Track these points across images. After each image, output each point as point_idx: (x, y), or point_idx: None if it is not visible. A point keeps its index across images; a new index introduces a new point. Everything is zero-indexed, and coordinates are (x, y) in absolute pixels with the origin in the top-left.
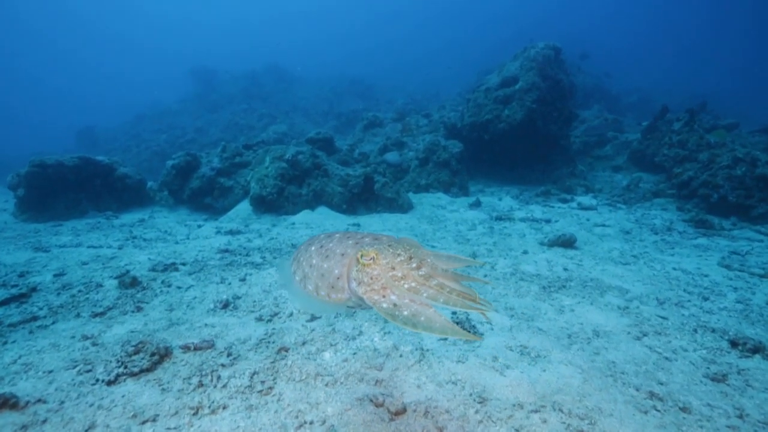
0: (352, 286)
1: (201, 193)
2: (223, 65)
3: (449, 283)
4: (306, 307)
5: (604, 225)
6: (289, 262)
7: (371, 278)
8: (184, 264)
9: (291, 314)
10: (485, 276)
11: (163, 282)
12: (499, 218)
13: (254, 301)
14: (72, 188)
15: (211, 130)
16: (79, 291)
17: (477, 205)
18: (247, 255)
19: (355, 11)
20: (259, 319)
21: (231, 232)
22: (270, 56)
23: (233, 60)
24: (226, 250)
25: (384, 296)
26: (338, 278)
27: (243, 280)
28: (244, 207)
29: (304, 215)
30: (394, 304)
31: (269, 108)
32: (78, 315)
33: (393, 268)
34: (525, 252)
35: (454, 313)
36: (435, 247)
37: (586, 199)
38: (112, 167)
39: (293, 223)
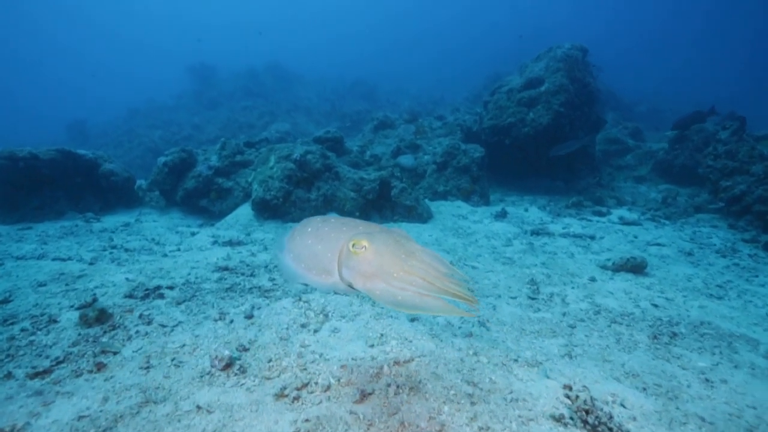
0: (342, 271)
1: (196, 194)
2: (223, 63)
3: (437, 274)
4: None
5: (658, 244)
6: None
7: (362, 265)
8: (171, 287)
9: (328, 386)
10: (564, 314)
11: (141, 317)
12: (535, 233)
13: (269, 359)
14: (48, 185)
15: (208, 128)
16: (23, 330)
17: (503, 215)
18: (251, 275)
19: (358, 14)
20: (281, 394)
21: (230, 243)
22: (270, 54)
23: (232, 58)
24: (226, 268)
25: (373, 283)
26: (330, 262)
27: (250, 317)
28: (244, 212)
29: None
30: (384, 290)
31: (270, 106)
32: (9, 374)
33: (383, 257)
34: (592, 279)
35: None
36: (476, 268)
37: (626, 213)
38: (96, 162)
39: None
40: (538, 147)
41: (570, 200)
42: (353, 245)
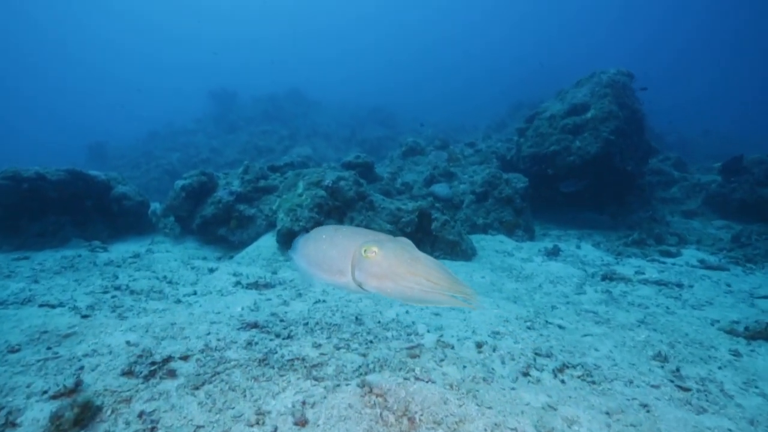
0: (355, 273)
1: (215, 222)
2: (243, 89)
3: (439, 276)
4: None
5: (766, 297)
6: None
7: (373, 268)
8: (186, 357)
9: None
10: (751, 422)
11: (141, 416)
12: (607, 277)
13: None
14: (54, 209)
15: (227, 151)
16: None
17: (555, 253)
18: (288, 337)
19: (375, 47)
20: None
21: (256, 285)
22: (290, 83)
23: (253, 85)
24: (255, 325)
25: (383, 283)
26: (343, 264)
27: (303, 422)
28: (267, 243)
29: None
30: (393, 288)
31: (289, 131)
32: None
33: (391, 261)
34: (735, 354)
35: None
36: (564, 328)
37: (701, 254)
38: (109, 185)
39: None
40: (584, 178)
41: (629, 237)
42: (365, 251)
